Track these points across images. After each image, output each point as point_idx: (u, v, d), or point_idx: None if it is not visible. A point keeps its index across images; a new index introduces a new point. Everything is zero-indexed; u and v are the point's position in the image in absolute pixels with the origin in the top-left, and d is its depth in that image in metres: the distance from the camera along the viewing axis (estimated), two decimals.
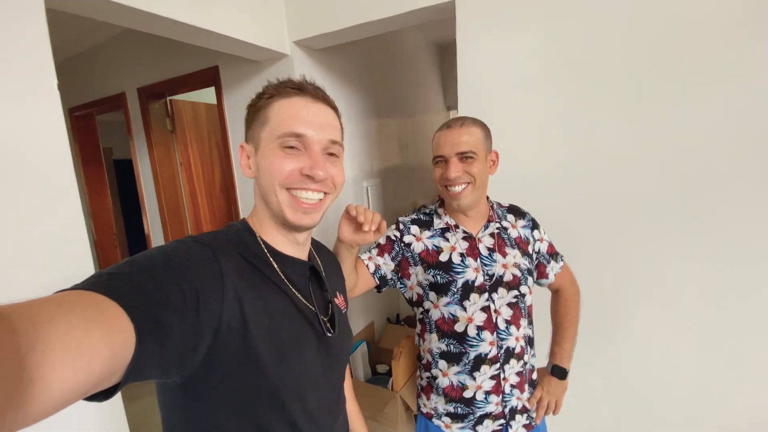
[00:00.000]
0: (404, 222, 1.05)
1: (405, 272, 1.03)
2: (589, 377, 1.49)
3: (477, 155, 0.92)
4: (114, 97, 2.63)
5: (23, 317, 0.28)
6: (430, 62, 3.59)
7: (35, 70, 0.97)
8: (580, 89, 1.35)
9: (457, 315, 0.97)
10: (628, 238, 1.36)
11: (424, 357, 1.07)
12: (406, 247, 1.02)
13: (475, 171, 0.92)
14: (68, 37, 2.50)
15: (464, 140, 0.92)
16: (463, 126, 0.93)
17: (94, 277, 0.39)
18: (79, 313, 0.32)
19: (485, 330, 0.96)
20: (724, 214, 1.22)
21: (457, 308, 0.97)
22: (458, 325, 0.97)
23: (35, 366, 0.27)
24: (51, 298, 0.33)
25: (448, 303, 0.98)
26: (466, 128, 0.93)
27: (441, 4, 1.49)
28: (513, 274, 0.99)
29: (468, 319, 0.97)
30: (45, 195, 0.99)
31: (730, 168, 1.19)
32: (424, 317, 1.04)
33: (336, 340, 0.67)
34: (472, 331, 0.96)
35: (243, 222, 0.63)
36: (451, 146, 0.92)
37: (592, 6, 1.29)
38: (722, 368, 1.29)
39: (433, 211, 1.07)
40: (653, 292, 1.35)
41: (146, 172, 2.59)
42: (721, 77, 1.16)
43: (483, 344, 0.96)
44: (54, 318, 0.30)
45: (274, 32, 1.75)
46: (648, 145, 1.28)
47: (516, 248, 1.02)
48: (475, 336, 0.96)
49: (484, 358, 0.96)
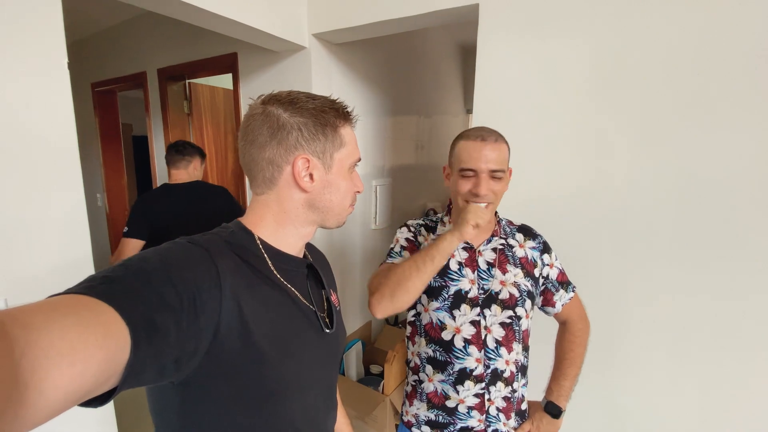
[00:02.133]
0: (414, 225, 1.06)
1: None
2: (586, 407, 1.45)
3: (504, 174, 0.90)
4: (135, 76, 2.67)
5: (17, 322, 0.28)
6: (453, 63, 3.53)
7: (47, 48, 0.97)
8: (596, 108, 1.29)
9: (445, 322, 0.95)
10: (637, 265, 1.30)
11: (412, 360, 1.05)
12: (419, 247, 1.02)
13: (499, 189, 0.90)
14: (92, 15, 2.53)
15: (496, 157, 0.88)
16: (497, 141, 0.90)
17: (87, 281, 0.39)
18: (73, 318, 0.32)
19: (472, 344, 0.93)
20: (739, 246, 1.16)
21: (446, 315, 0.95)
22: (445, 333, 0.95)
23: (30, 372, 0.27)
24: (45, 302, 0.33)
25: (437, 308, 0.96)
26: (499, 144, 0.90)
27: (465, 7, 1.44)
28: (510, 293, 0.95)
29: (456, 329, 0.94)
30: (49, 170, 1.00)
31: (748, 199, 1.13)
32: (416, 320, 1.03)
33: (333, 336, 0.68)
34: (459, 342, 0.94)
35: (237, 223, 0.63)
36: (486, 162, 0.88)
37: (616, 25, 1.23)
38: (723, 403, 1.24)
39: (440, 219, 1.06)
40: (658, 322, 1.30)
41: (161, 151, 2.62)
42: (749, 109, 1.10)
43: (469, 359, 0.94)
44: (48, 323, 0.30)
45: (293, 24, 1.74)
46: (664, 172, 1.22)
47: (519, 267, 0.98)
48: (461, 348, 0.94)
49: (469, 374, 0.94)
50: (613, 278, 1.35)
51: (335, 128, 0.61)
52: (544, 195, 1.42)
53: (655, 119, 1.22)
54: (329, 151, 0.61)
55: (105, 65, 2.86)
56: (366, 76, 2.27)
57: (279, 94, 0.61)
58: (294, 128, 0.58)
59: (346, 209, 0.66)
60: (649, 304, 1.30)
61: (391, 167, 2.61)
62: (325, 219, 0.65)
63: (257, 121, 0.59)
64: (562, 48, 1.32)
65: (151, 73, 2.54)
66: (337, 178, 0.63)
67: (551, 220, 1.41)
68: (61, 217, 1.03)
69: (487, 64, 1.46)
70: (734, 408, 1.23)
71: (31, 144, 0.96)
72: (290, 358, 0.57)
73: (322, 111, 0.60)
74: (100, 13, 2.55)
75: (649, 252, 1.28)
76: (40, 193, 0.99)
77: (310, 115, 0.59)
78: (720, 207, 1.17)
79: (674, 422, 1.31)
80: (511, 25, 1.39)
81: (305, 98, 0.60)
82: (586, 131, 1.32)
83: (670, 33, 1.17)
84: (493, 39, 1.43)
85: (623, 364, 1.37)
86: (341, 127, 0.62)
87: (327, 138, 0.60)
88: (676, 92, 1.18)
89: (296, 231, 0.64)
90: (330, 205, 0.63)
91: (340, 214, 0.66)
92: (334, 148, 0.61)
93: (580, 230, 1.38)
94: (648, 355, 1.33)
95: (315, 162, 0.60)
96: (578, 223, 1.38)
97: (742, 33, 1.09)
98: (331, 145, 0.61)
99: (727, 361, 1.22)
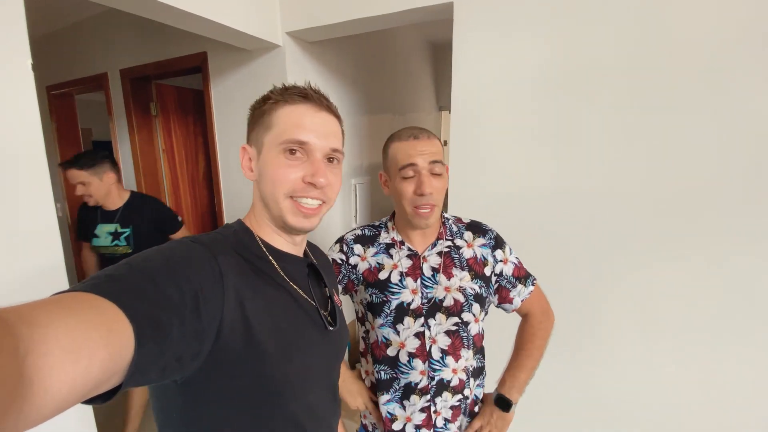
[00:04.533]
0: (347, 241, 0.97)
1: (352, 290, 0.99)
2: (561, 389, 1.51)
3: (443, 168, 0.87)
4: (95, 77, 2.53)
5: (22, 320, 0.28)
6: (425, 61, 3.57)
7: (9, 49, 0.91)
8: (573, 100, 1.35)
9: (390, 338, 0.91)
10: (612, 252, 1.37)
11: (367, 380, 1.01)
12: (353, 269, 0.96)
13: (441, 187, 0.86)
14: (49, 12, 2.38)
15: (434, 150, 0.85)
16: (430, 138, 0.86)
17: (91, 279, 0.39)
18: (77, 316, 0.32)
19: (417, 358, 0.89)
20: (708, 228, 1.24)
21: (390, 331, 0.90)
22: (390, 349, 0.91)
23: (34, 369, 0.27)
24: (49, 300, 0.33)
25: (381, 325, 0.91)
26: (432, 140, 0.86)
27: (440, 5, 1.47)
28: (454, 299, 0.90)
29: (400, 344, 0.90)
30: (14, 179, 0.94)
31: (718, 184, 1.21)
32: (366, 337, 0.98)
33: (336, 334, 0.68)
34: (404, 357, 0.90)
35: (239, 223, 0.64)
36: (421, 155, 0.84)
37: (591, 18, 1.29)
38: (697, 383, 1.33)
39: (382, 224, 0.99)
40: (633, 304, 1.37)
41: (126, 156, 2.50)
42: (717, 97, 1.18)
43: (413, 372, 0.90)
44: (52, 320, 0.30)
45: (266, 22, 1.70)
46: (637, 158, 1.29)
47: (466, 270, 0.92)
48: (406, 363, 0.90)
49: (414, 388, 0.90)
50: (588, 268, 1.41)
51: (268, 112, 0.59)
52: (520, 189, 1.47)
53: (627, 115, 1.29)
54: (260, 137, 0.59)
55: (61, 67, 2.70)
56: (341, 74, 2.26)
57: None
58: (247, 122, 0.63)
59: (282, 201, 0.58)
60: (626, 285, 1.38)
61: (369, 165, 2.61)
62: (272, 213, 0.60)
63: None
64: (536, 45, 1.37)
65: (113, 74, 2.42)
66: (266, 163, 0.58)
67: (527, 213, 1.46)
68: (30, 228, 0.97)
69: (464, 62, 1.49)
70: (707, 387, 1.32)
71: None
72: (293, 356, 0.57)
73: (263, 98, 0.61)
74: (56, 12, 2.39)
75: (623, 239, 1.35)
76: (9, 204, 0.93)
77: (254, 107, 0.62)
78: (687, 194, 1.25)
79: (648, 395, 1.40)
80: (486, 23, 1.43)
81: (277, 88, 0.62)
82: (562, 127, 1.38)
83: (637, 30, 1.24)
84: (469, 37, 1.46)
85: (599, 342, 1.44)
86: (275, 109, 0.58)
87: (258, 123, 0.60)
88: (644, 89, 1.25)
89: (274, 232, 0.63)
90: (267, 194, 0.59)
91: (276, 207, 0.59)
92: (264, 132, 0.59)
93: (555, 222, 1.44)
94: (622, 333, 1.40)
95: (251, 150, 0.61)
96: (553, 215, 1.44)
97: (707, 28, 1.17)
98: (261, 131, 0.59)
99: (700, 336, 1.31)
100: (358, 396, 0.98)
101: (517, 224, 1.41)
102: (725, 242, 1.22)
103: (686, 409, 1.35)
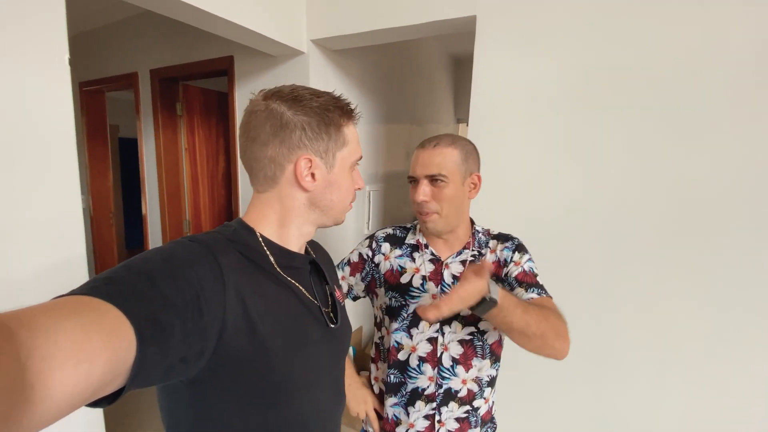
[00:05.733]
0: (378, 239, 0.98)
1: (373, 291, 0.99)
2: (576, 408, 1.47)
3: (448, 179, 0.84)
4: (126, 76, 2.62)
5: (22, 324, 0.28)
6: (445, 73, 3.59)
7: (49, 42, 0.96)
8: (592, 115, 1.34)
9: (402, 342, 0.91)
10: (626, 271, 1.35)
11: (376, 386, 1.00)
12: (375, 267, 0.96)
13: (444, 196, 0.85)
14: (84, 11, 2.49)
15: (436, 162, 0.84)
16: (437, 147, 0.85)
17: (91, 282, 0.39)
18: (78, 319, 0.32)
19: (426, 363, 0.89)
20: (724, 256, 1.21)
21: (403, 335, 0.90)
22: (402, 353, 0.91)
23: (36, 374, 0.27)
24: (49, 304, 0.33)
25: (396, 329, 0.91)
26: (440, 149, 0.85)
27: (463, 18, 1.48)
28: None
29: (412, 348, 0.90)
30: (45, 168, 0.98)
31: (732, 212, 1.19)
32: (380, 343, 0.98)
33: (338, 331, 0.68)
34: (414, 361, 0.90)
35: (239, 221, 0.63)
36: (422, 167, 0.86)
37: (612, 32, 1.28)
38: (709, 406, 1.29)
39: (413, 225, 1.00)
40: (647, 328, 1.34)
41: (150, 153, 2.57)
42: (731, 121, 1.17)
43: (422, 377, 0.89)
44: (53, 324, 0.30)
45: (292, 28, 1.75)
46: (653, 183, 1.28)
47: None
48: (415, 367, 0.90)
49: (421, 394, 0.89)
50: (604, 283, 1.38)
51: (339, 127, 0.60)
52: (539, 202, 1.46)
53: (647, 129, 1.27)
54: (332, 151, 0.60)
55: (94, 64, 2.81)
56: (362, 83, 2.29)
57: (281, 90, 0.59)
58: (297, 127, 0.56)
59: (347, 208, 0.67)
60: (640, 308, 1.34)
61: (384, 173, 2.63)
62: (326, 218, 0.65)
63: (259, 118, 0.57)
64: (556, 60, 1.37)
65: (143, 73, 2.51)
66: (339, 177, 0.62)
67: (545, 226, 1.45)
68: (55, 218, 1.01)
69: (484, 75, 1.50)
70: (719, 410, 1.27)
71: (29, 141, 0.94)
72: (297, 353, 0.57)
73: (326, 109, 0.58)
74: (93, 11, 2.51)
75: (639, 256, 1.32)
76: (38, 192, 0.97)
77: (314, 113, 0.57)
78: (701, 215, 1.22)
79: (662, 417, 1.35)
80: (507, 37, 1.43)
81: (309, 95, 0.58)
82: (580, 141, 1.37)
83: (659, 44, 1.23)
84: (490, 50, 1.47)
85: (614, 364, 1.40)
86: (344, 125, 0.61)
87: (330, 137, 0.59)
88: (666, 103, 1.24)
89: (298, 230, 0.64)
90: (331, 204, 0.63)
91: (341, 213, 0.66)
92: (336, 147, 0.60)
93: (572, 238, 1.42)
94: (635, 355, 1.36)
95: (317, 162, 0.59)
96: (572, 229, 1.42)
97: (722, 42, 1.16)
98: (334, 144, 0.60)
99: (711, 358, 1.26)
100: (362, 403, 0.97)
101: (534, 239, 1.39)
102: (749, 261, 1.19)
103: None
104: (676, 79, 1.22)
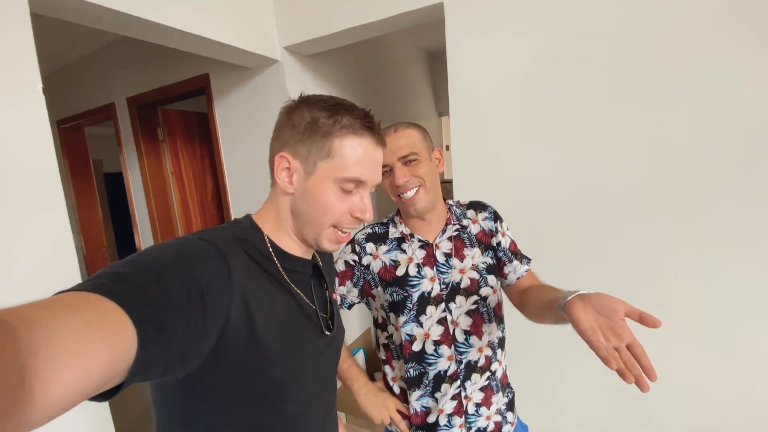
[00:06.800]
0: (359, 241, 0.97)
1: (369, 294, 0.98)
2: (584, 375, 1.48)
3: (420, 156, 0.88)
4: (103, 108, 2.61)
5: (23, 321, 0.28)
6: (422, 69, 3.62)
7: (20, 73, 0.95)
8: (567, 95, 1.36)
9: (413, 333, 0.91)
10: (618, 239, 1.36)
11: (395, 386, 0.99)
12: (366, 269, 0.95)
13: (422, 172, 0.88)
14: (55, 49, 2.48)
15: (402, 144, 0.88)
16: (397, 131, 0.90)
17: (96, 278, 0.38)
18: (79, 317, 0.32)
19: (443, 344, 0.90)
20: (713, 214, 1.23)
21: (413, 326, 0.91)
22: (416, 344, 0.91)
23: (36, 371, 0.27)
24: (51, 300, 0.32)
25: (405, 322, 0.91)
26: (401, 132, 0.89)
27: (430, 6, 1.50)
28: (470, 278, 0.92)
29: (425, 335, 0.91)
30: (30, 202, 0.96)
31: (720, 168, 1.21)
32: (389, 342, 0.98)
33: (333, 338, 0.69)
34: (430, 347, 0.91)
35: (248, 219, 0.64)
36: (392, 153, 0.88)
37: (578, 10, 1.30)
38: (717, 369, 1.30)
39: (390, 219, 1.01)
40: (647, 293, 1.35)
41: (137, 182, 2.56)
42: (706, 78, 1.18)
43: (441, 360, 0.91)
44: (54, 322, 0.29)
45: (263, 37, 1.76)
46: (633, 147, 1.29)
47: (476, 246, 0.95)
48: (432, 353, 0.91)
49: (444, 376, 0.91)
50: (592, 262, 1.40)
51: (327, 136, 0.58)
52: (524, 187, 1.47)
53: (619, 96, 1.29)
54: (313, 158, 0.58)
55: (69, 101, 2.79)
56: (340, 86, 2.30)
57: (313, 95, 0.63)
58: (288, 127, 0.60)
59: (325, 228, 0.61)
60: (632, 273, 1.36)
61: None
62: (307, 231, 0.62)
63: (279, 118, 0.63)
64: (526, 42, 1.39)
65: (120, 102, 2.50)
66: (317, 188, 0.59)
67: (533, 211, 1.47)
68: (49, 256, 0.99)
69: (458, 63, 1.51)
70: (727, 372, 1.28)
71: (9, 176, 0.93)
72: (293, 358, 0.58)
73: (329, 114, 0.58)
74: (64, 47, 2.50)
75: (626, 234, 1.34)
76: (26, 233, 0.95)
77: (310, 117, 0.58)
78: (688, 174, 1.24)
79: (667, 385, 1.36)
80: (476, 22, 1.45)
81: (319, 100, 0.61)
82: (558, 122, 1.39)
83: (627, 22, 1.25)
84: (461, 37, 1.49)
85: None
86: (340, 137, 0.58)
87: (314, 143, 0.58)
88: (637, 67, 1.26)
89: (289, 237, 0.64)
90: (308, 216, 0.61)
91: (318, 231, 0.61)
92: (320, 155, 0.58)
93: (560, 218, 1.44)
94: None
95: (295, 164, 0.59)
96: (558, 210, 1.44)
97: (698, 16, 1.18)
98: (317, 152, 0.58)
99: (715, 324, 1.28)
100: (383, 408, 0.95)
101: (524, 225, 1.39)
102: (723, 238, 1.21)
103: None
104: (654, 54, 1.23)
